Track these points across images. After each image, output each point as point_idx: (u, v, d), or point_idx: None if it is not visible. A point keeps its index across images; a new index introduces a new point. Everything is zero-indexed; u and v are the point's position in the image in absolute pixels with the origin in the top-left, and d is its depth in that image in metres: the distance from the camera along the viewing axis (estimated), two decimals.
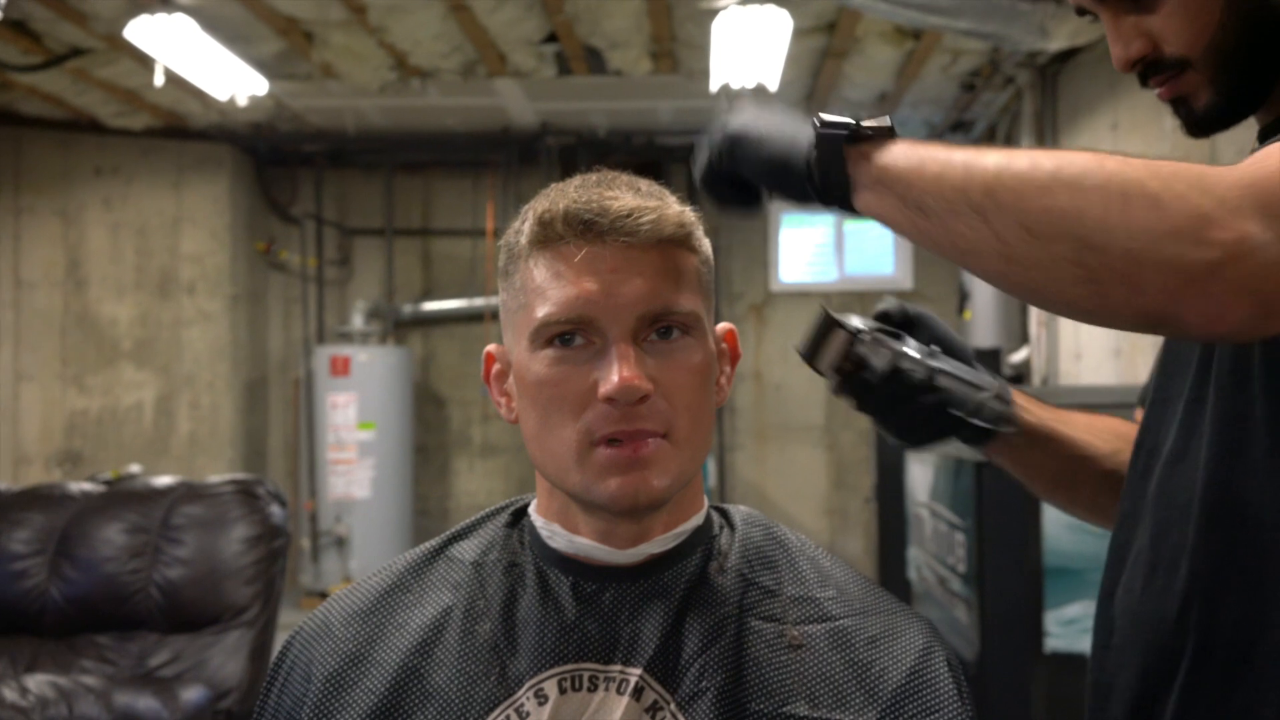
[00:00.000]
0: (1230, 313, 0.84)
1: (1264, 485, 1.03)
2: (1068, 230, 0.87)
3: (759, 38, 5.36)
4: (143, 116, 7.41)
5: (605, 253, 1.06)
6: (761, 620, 1.10)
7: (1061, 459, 1.34)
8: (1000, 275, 0.94)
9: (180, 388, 7.90)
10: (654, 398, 1.05)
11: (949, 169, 0.95)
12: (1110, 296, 0.87)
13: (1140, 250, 0.84)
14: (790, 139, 1.06)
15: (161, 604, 3.19)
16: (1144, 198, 0.85)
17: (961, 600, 3.83)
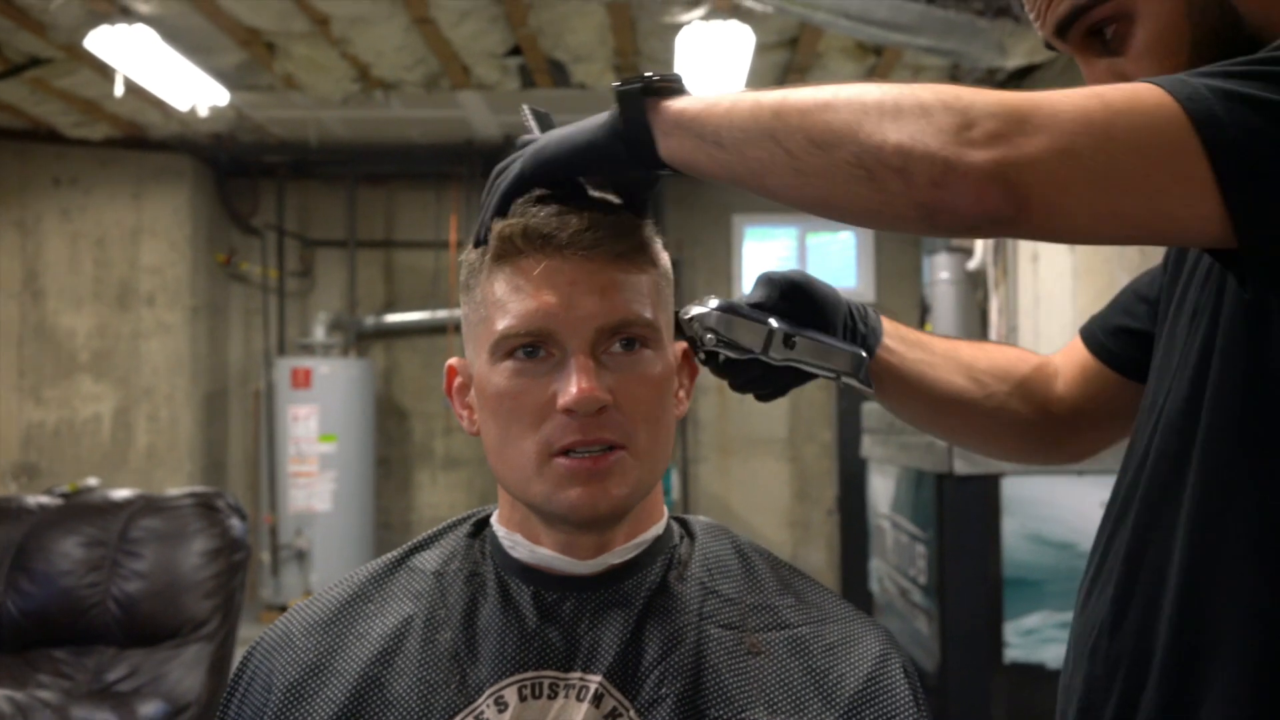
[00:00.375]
0: (987, 199, 0.91)
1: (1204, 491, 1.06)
2: (849, 137, 0.94)
3: (722, 53, 5.38)
4: (102, 126, 7.36)
5: (564, 266, 1.07)
6: (721, 628, 1.11)
7: (929, 401, 1.42)
8: (794, 189, 0.99)
9: (139, 400, 7.84)
10: (612, 409, 1.07)
11: (739, 103, 1.01)
12: (889, 189, 0.93)
13: (910, 145, 0.91)
14: (591, 122, 1.09)
15: (119, 618, 3.16)
16: (915, 105, 0.93)
17: (922, 611, 3.85)
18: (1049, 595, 3.43)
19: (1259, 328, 1.04)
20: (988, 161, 0.90)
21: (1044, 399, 1.45)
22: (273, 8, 5.39)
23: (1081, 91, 0.94)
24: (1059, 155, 0.91)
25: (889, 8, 4.65)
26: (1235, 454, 1.06)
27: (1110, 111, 0.92)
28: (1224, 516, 1.05)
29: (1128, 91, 0.94)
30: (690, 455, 8.51)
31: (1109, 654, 1.14)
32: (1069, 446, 1.48)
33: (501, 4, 5.39)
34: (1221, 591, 1.04)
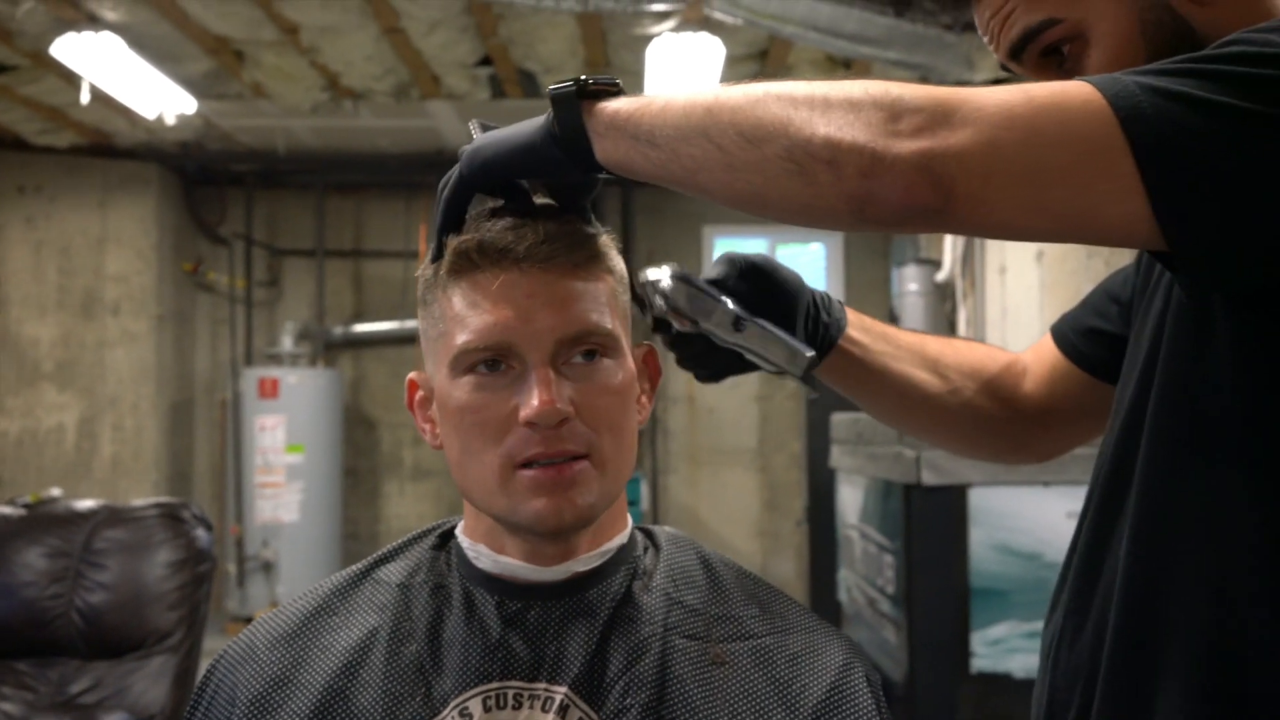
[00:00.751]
0: (914, 191, 0.91)
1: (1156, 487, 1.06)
2: (780, 131, 0.95)
3: (692, 64, 5.40)
4: (68, 134, 7.31)
5: (521, 280, 1.07)
6: (685, 638, 1.12)
7: (893, 394, 1.41)
8: (727, 185, 1.00)
9: (103, 410, 7.78)
10: (575, 420, 1.07)
11: (673, 102, 1.01)
12: (819, 181, 0.94)
13: (838, 137, 0.92)
14: (527, 125, 1.09)
15: (83, 629, 3.13)
16: (844, 99, 0.94)
17: (890, 621, 3.86)
18: (1015, 605, 3.45)
19: (1200, 332, 1.04)
20: (913, 153, 0.91)
21: (1012, 397, 1.44)
22: (241, 16, 5.37)
23: (1009, 88, 0.95)
24: (983, 147, 0.91)
25: (858, 21, 4.68)
26: (1175, 465, 1.05)
27: (1035, 106, 0.92)
28: (1164, 529, 1.05)
29: (1055, 88, 0.94)
30: (660, 466, 8.52)
31: (1068, 665, 1.15)
32: (1036, 446, 1.48)
33: (472, 14, 5.39)
34: (1163, 606, 1.04)
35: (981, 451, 1.52)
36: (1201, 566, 1.02)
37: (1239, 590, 1.00)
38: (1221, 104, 0.90)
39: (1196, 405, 1.04)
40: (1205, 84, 0.91)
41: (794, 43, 5.34)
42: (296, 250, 8.55)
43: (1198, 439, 1.04)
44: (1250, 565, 0.99)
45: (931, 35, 4.78)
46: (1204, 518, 1.03)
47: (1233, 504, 1.01)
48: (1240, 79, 0.90)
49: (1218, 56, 0.93)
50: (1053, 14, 1.10)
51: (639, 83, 5.98)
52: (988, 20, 1.16)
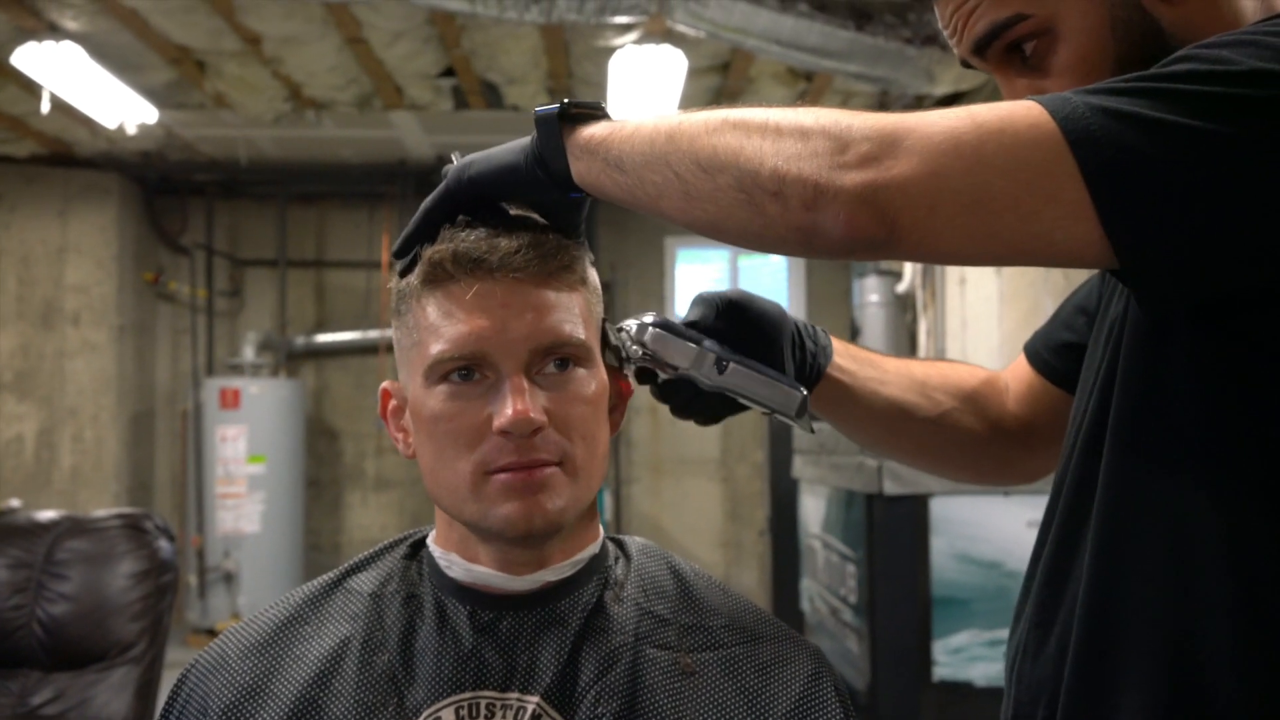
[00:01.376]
0: (858, 223, 0.92)
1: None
2: (731, 162, 0.97)
3: (655, 76, 5.42)
4: (28, 144, 7.26)
5: (495, 289, 1.08)
6: (656, 648, 1.13)
7: (882, 419, 1.40)
8: (684, 212, 1.02)
9: (63, 420, 7.72)
10: (548, 429, 1.08)
11: (641, 128, 1.03)
12: (767, 213, 0.95)
13: (784, 170, 0.94)
14: (514, 145, 1.11)
15: (45, 641, 3.11)
16: (795, 129, 0.95)
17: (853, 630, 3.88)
18: (977, 614, 3.48)
19: (1158, 344, 1.03)
20: (856, 185, 0.91)
21: (996, 415, 1.43)
22: (203, 26, 5.36)
23: (956, 112, 0.94)
24: (927, 178, 0.91)
25: (819, 34, 4.71)
26: (1137, 477, 1.05)
27: (982, 133, 0.92)
28: (1127, 542, 1.05)
29: (1003, 111, 0.94)
30: (623, 475, 8.52)
31: (1031, 679, 1.14)
32: (1023, 465, 1.46)
33: (435, 25, 5.39)
34: (1125, 618, 1.04)
35: (969, 473, 1.51)
36: (1164, 579, 1.02)
37: (1201, 602, 0.99)
38: (1172, 124, 0.89)
39: (1157, 418, 1.03)
40: (1156, 103, 0.90)
41: (756, 56, 5.38)
42: (258, 260, 8.51)
43: (1159, 451, 1.03)
44: (1212, 577, 0.99)
45: (892, 49, 4.83)
46: (1166, 530, 1.02)
47: (1194, 516, 1.00)
48: (1191, 97, 0.90)
49: (1169, 74, 0.92)
50: (1021, 9, 1.09)
51: (602, 94, 6.00)
52: (950, 15, 1.14)
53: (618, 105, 5.87)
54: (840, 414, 1.39)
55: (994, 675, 3.40)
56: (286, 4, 5.03)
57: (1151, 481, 1.04)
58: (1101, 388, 1.11)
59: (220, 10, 5.14)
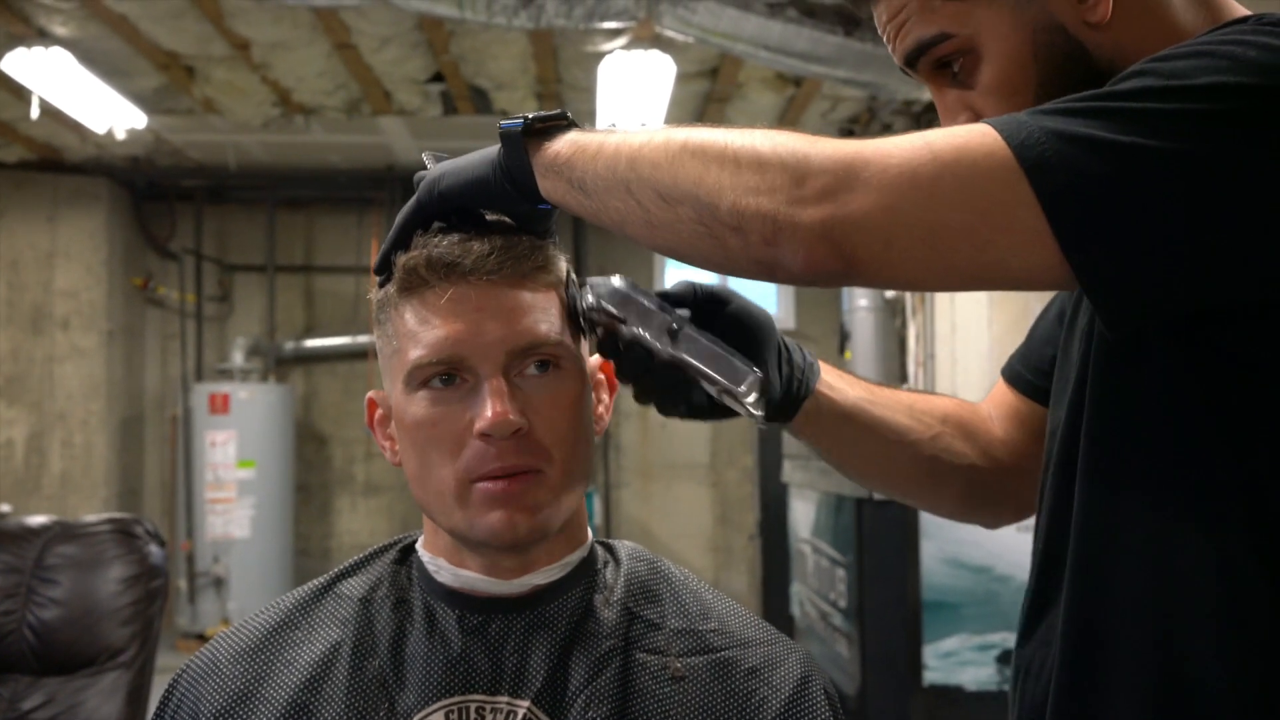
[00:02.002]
0: (815, 257, 0.94)
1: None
2: (690, 194, 0.97)
3: (643, 81, 5.43)
4: (16, 149, 7.25)
5: (470, 293, 1.08)
6: (646, 653, 1.13)
7: (871, 443, 1.33)
8: (647, 240, 1.03)
9: (52, 425, 7.70)
10: (529, 432, 1.08)
11: (604, 150, 1.03)
12: (728, 246, 0.97)
13: (743, 206, 0.94)
14: (483, 157, 1.11)
15: (35, 646, 3.10)
16: (752, 160, 0.95)
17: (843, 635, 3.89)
18: (967, 618, 3.48)
19: (1129, 359, 1.02)
20: (814, 221, 0.92)
21: (985, 441, 1.37)
22: (192, 32, 5.36)
23: (914, 141, 0.94)
24: (883, 212, 0.92)
25: (808, 40, 4.73)
26: (1111, 493, 1.04)
27: (937, 165, 0.92)
28: (1105, 560, 1.04)
29: (959, 141, 0.93)
30: (613, 480, 8.52)
31: (1031, 698, 1.13)
32: (1025, 494, 1.33)
33: (423, 31, 5.40)
34: (1107, 637, 1.03)
35: (963, 504, 1.42)
36: (1145, 595, 1.01)
37: (1184, 615, 0.99)
38: (1128, 145, 0.88)
39: (1130, 431, 1.02)
40: (1111, 124, 0.90)
41: (745, 61, 5.39)
42: (247, 265, 8.51)
43: (1133, 464, 1.03)
44: (1194, 590, 0.98)
45: (880, 54, 4.84)
46: (1145, 545, 1.01)
47: (1172, 528, 0.99)
48: (1147, 115, 0.89)
49: (1125, 92, 0.92)
50: (945, 29, 1.09)
51: (591, 100, 6.01)
52: (884, 25, 1.15)
53: (607, 110, 5.89)
54: (832, 435, 1.32)
55: (984, 679, 3.41)
56: (275, 10, 5.03)
57: (1127, 496, 1.03)
58: (1072, 401, 1.10)
59: (209, 16, 5.14)
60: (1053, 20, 1.06)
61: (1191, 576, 0.99)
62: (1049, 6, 1.06)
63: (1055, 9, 1.05)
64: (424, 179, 1.14)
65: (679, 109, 6.33)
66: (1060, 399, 1.15)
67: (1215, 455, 0.98)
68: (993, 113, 1.07)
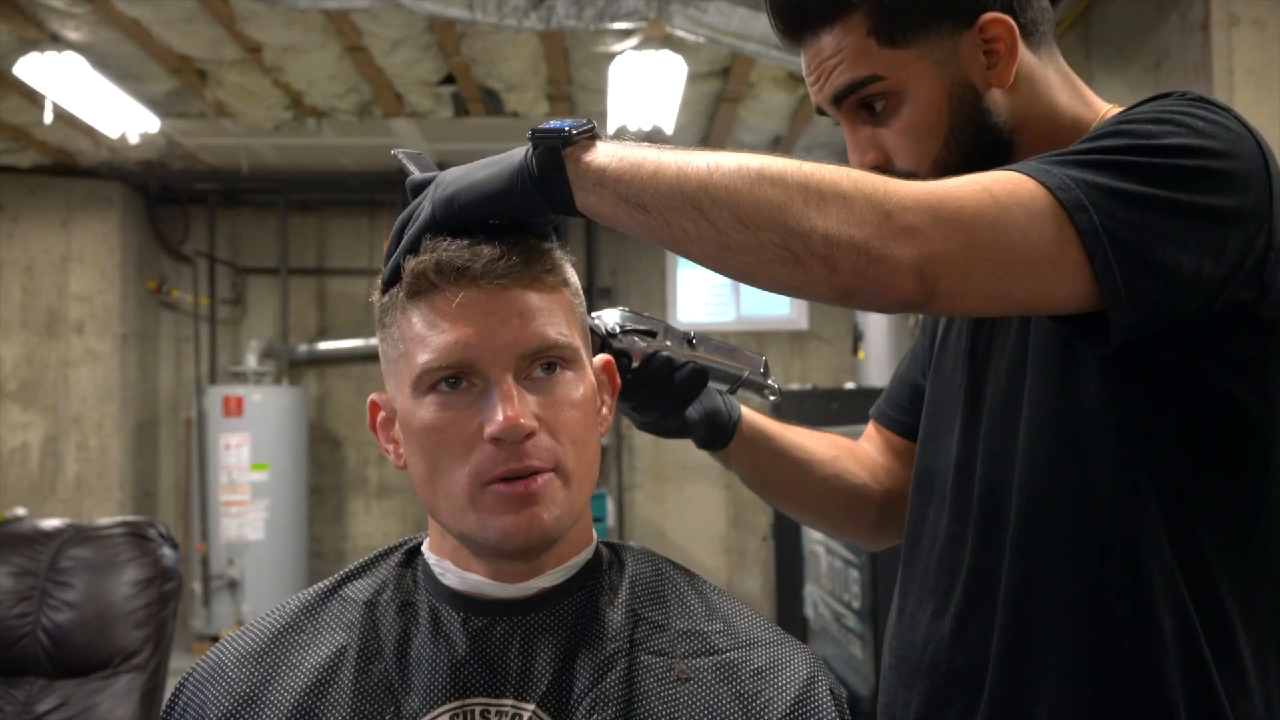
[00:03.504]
0: (903, 287, 1.03)
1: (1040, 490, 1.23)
2: (774, 220, 1.03)
3: (655, 82, 5.43)
4: (30, 154, 7.28)
5: (480, 296, 1.08)
6: (651, 655, 1.13)
7: (787, 461, 1.54)
8: (718, 260, 1.08)
9: (67, 429, 7.73)
10: (540, 434, 1.08)
11: (664, 168, 1.06)
12: (812, 274, 1.03)
13: (836, 235, 1.02)
14: (504, 168, 1.11)
15: (49, 649, 3.12)
16: (837, 193, 1.03)
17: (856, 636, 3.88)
18: None
19: (1068, 365, 1.21)
20: (906, 256, 1.02)
21: (873, 467, 1.59)
22: (204, 35, 5.37)
23: (973, 187, 1.07)
24: (965, 248, 1.04)
25: None
26: (1049, 487, 1.22)
27: (999, 205, 1.05)
28: (1042, 549, 1.22)
29: (1009, 185, 1.07)
30: (625, 482, 8.53)
31: (950, 667, 1.28)
32: (894, 523, 1.57)
33: (434, 33, 5.41)
34: (1044, 620, 1.21)
35: (857, 525, 1.62)
36: (1078, 579, 1.19)
37: (1113, 601, 1.17)
38: (1133, 193, 1.07)
39: (1069, 431, 1.21)
40: (1116, 174, 1.08)
41: (756, 61, 5.39)
42: (260, 268, 8.53)
43: (1071, 461, 1.21)
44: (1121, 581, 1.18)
45: None
46: (1078, 535, 1.20)
47: (1104, 519, 1.19)
48: (1140, 169, 1.08)
49: (1114, 148, 1.10)
50: (878, 71, 1.24)
51: (602, 100, 6.01)
52: (815, 66, 1.28)
53: (619, 111, 5.89)
54: (755, 459, 1.53)
55: None
56: (286, 13, 5.05)
57: (1064, 489, 1.21)
58: (1000, 410, 1.28)
59: (221, 20, 5.16)
60: (967, 78, 1.24)
61: (1117, 561, 1.18)
62: (965, 67, 1.24)
63: (970, 70, 1.24)
64: (422, 185, 1.15)
65: (690, 109, 6.33)
66: (953, 400, 1.37)
67: (1141, 448, 1.18)
68: (902, 151, 1.26)
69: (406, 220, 1.15)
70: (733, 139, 6.97)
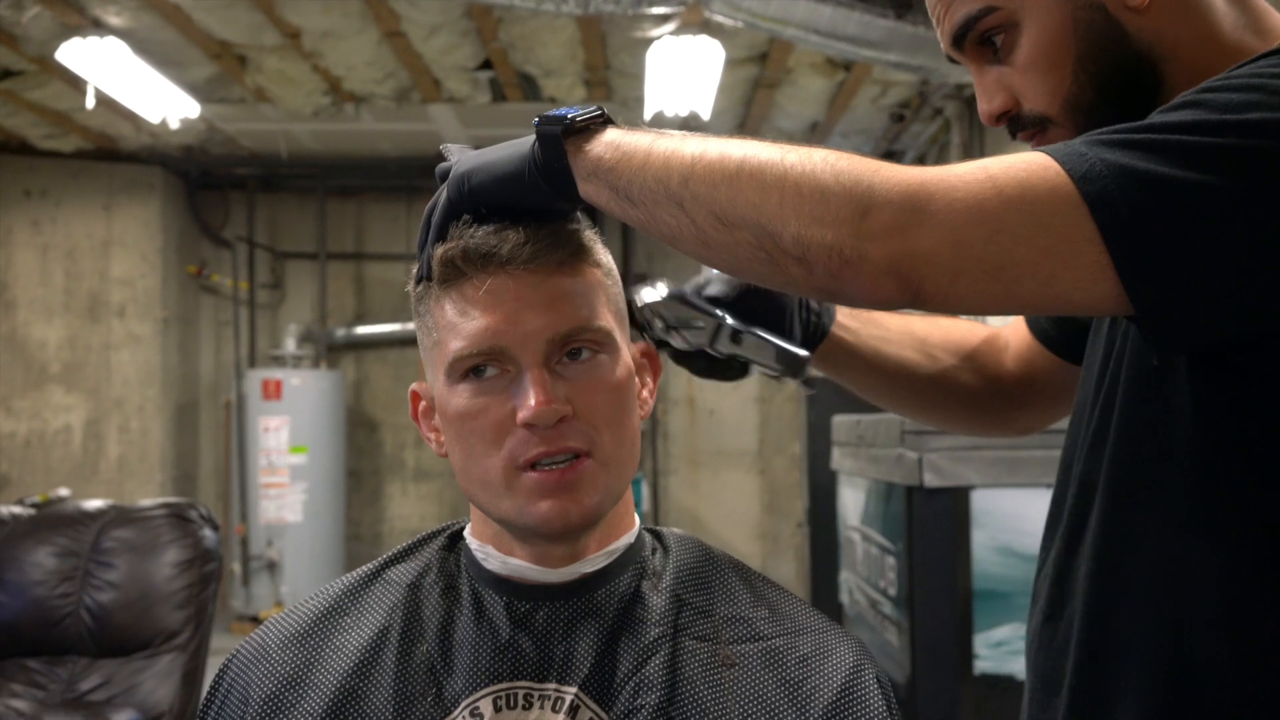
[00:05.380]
0: (881, 289, 0.95)
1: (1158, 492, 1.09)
2: (750, 219, 0.97)
3: (692, 67, 5.42)
4: (73, 139, 7.34)
5: (508, 283, 1.08)
6: (695, 640, 1.12)
7: (884, 375, 1.43)
8: (701, 257, 1.04)
9: (109, 411, 7.81)
10: (574, 417, 1.08)
11: (651, 160, 1.02)
12: (789, 274, 0.98)
13: (808, 237, 0.95)
14: (516, 152, 1.09)
15: (92, 628, 3.16)
16: (815, 189, 0.95)
17: (893, 623, 3.88)
18: (1019, 608, 3.44)
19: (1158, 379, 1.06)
20: (881, 256, 0.93)
21: (994, 372, 1.46)
22: (244, 21, 5.40)
23: (975, 174, 0.95)
24: (950, 247, 0.94)
25: (858, 24, 4.70)
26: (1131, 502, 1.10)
27: (1001, 200, 0.94)
28: (1121, 560, 1.10)
29: (1021, 176, 0.95)
30: (660, 467, 8.53)
31: (1044, 669, 1.18)
32: (1018, 420, 1.49)
33: (472, 18, 5.41)
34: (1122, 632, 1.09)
35: (964, 424, 1.54)
36: (1158, 594, 1.06)
37: (1193, 618, 1.04)
38: (1184, 181, 0.91)
39: (1154, 445, 1.07)
40: (1168, 159, 0.92)
41: (794, 45, 5.36)
42: (299, 253, 8.58)
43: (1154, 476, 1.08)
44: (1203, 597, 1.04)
45: (932, 38, 4.80)
46: (1159, 546, 1.07)
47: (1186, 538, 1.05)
48: (1201, 151, 0.92)
49: (1177, 125, 0.94)
50: (991, 2, 1.11)
51: (639, 86, 6.00)
52: (934, 5, 1.17)
53: (656, 96, 5.88)
54: (845, 372, 1.42)
55: None
56: None
57: (1145, 505, 1.08)
58: (1103, 407, 1.15)
59: (260, 5, 5.18)
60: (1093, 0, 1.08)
61: (1199, 581, 1.04)
62: None
63: None
64: (450, 172, 1.13)
65: (728, 95, 6.31)
66: (1086, 383, 1.21)
67: (1231, 470, 1.03)
68: (1029, 90, 1.12)
69: (432, 208, 1.14)
70: (770, 125, 6.94)
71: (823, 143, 7.27)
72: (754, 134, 7.20)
